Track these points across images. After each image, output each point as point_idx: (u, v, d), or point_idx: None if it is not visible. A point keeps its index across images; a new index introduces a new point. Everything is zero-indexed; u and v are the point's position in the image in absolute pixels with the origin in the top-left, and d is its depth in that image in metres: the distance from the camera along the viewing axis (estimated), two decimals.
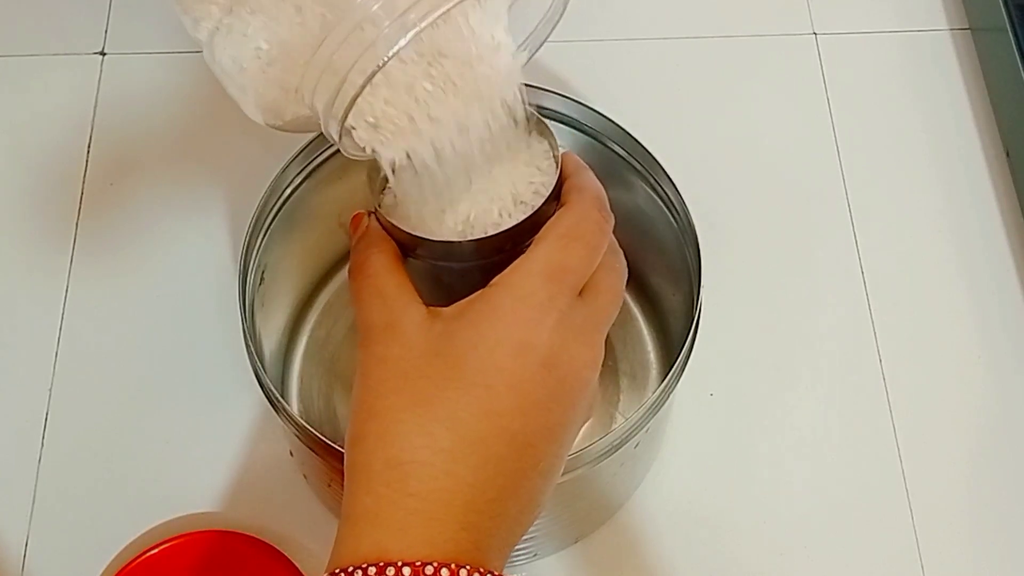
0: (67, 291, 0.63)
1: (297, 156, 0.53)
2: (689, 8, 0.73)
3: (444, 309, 0.41)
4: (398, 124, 0.40)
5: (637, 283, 0.61)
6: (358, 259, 0.44)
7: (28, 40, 0.71)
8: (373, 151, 0.41)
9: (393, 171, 0.41)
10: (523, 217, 0.43)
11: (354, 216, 0.46)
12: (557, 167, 0.44)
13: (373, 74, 0.37)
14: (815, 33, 0.73)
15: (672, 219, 0.53)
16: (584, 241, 0.42)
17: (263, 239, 0.52)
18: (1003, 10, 0.67)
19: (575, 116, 0.53)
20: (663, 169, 0.52)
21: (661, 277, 0.59)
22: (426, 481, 0.39)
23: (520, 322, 0.40)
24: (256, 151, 0.65)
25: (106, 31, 0.72)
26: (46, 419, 0.60)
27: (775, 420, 0.61)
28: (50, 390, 0.61)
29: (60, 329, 0.62)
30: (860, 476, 0.60)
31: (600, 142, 0.53)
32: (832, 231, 0.67)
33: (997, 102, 0.70)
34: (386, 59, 0.37)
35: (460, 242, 0.43)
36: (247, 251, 0.51)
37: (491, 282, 0.41)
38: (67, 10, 0.72)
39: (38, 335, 0.62)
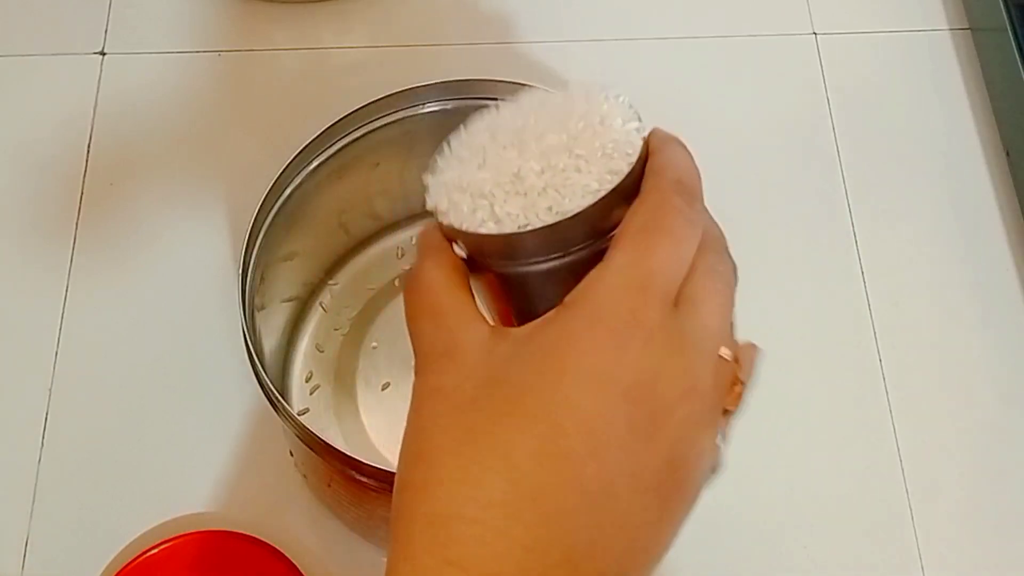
0: (67, 291, 0.63)
1: (297, 156, 0.53)
2: (689, 8, 0.73)
3: (513, 329, 0.35)
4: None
5: None
6: (413, 273, 0.37)
7: (28, 40, 0.71)
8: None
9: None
10: (592, 200, 0.35)
11: (422, 230, 0.39)
12: (641, 142, 0.37)
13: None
14: (815, 33, 0.73)
15: None
16: (665, 233, 0.34)
17: (263, 239, 0.52)
18: (1003, 10, 0.67)
19: None
20: None
21: None
22: (470, 545, 0.32)
23: (596, 348, 0.33)
24: (256, 151, 0.65)
25: (106, 31, 0.71)
26: (46, 419, 0.60)
27: (775, 420, 0.61)
28: (50, 390, 0.61)
29: (60, 329, 0.62)
30: (860, 476, 0.60)
31: None
32: (832, 231, 0.66)
33: (997, 102, 0.70)
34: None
35: (521, 233, 0.36)
36: (247, 251, 0.51)
37: (564, 300, 0.34)
38: (67, 10, 0.72)
39: (38, 335, 0.62)
